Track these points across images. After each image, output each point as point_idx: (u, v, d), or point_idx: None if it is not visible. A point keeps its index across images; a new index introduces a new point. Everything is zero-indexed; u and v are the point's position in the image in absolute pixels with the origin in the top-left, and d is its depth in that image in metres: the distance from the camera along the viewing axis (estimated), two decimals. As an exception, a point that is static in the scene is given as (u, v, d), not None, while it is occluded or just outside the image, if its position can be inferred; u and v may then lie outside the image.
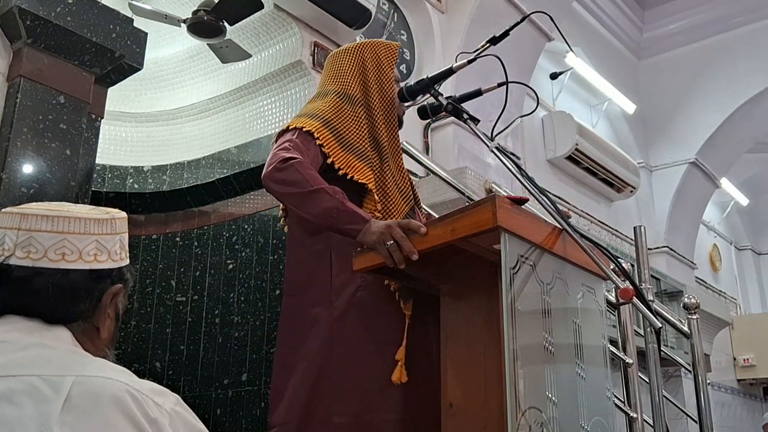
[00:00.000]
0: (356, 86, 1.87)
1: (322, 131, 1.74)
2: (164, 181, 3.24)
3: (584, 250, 1.47)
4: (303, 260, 1.79)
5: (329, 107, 1.81)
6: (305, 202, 1.60)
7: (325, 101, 1.84)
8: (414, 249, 1.47)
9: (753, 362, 7.54)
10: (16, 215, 0.91)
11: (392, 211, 1.75)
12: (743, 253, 9.31)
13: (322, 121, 1.76)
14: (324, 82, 1.95)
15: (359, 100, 1.85)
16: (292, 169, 1.61)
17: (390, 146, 1.85)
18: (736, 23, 6.51)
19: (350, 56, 1.93)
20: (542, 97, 5.61)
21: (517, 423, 1.29)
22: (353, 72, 1.89)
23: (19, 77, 2.04)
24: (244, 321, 2.89)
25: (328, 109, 1.80)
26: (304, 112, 1.84)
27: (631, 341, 2.40)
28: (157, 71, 3.53)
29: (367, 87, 1.88)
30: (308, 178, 1.60)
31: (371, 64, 1.91)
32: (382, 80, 1.90)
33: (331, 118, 1.78)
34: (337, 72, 1.92)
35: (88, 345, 0.93)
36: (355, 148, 1.78)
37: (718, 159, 6.93)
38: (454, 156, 4.03)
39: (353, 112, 1.82)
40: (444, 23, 4.35)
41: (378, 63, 1.92)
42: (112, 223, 0.96)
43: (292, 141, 1.69)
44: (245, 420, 2.73)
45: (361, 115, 1.83)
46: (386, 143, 1.83)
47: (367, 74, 1.89)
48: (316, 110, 1.81)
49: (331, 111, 1.80)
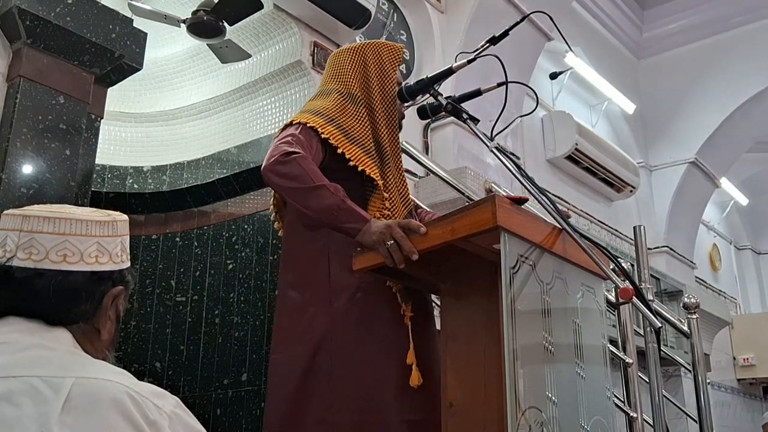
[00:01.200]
0: (358, 86, 1.86)
1: (326, 127, 1.73)
2: (164, 182, 3.24)
3: (584, 250, 1.47)
4: (300, 259, 1.78)
5: (333, 105, 1.80)
6: (306, 197, 1.59)
7: (329, 100, 1.83)
8: (414, 249, 1.47)
9: (753, 362, 7.54)
10: (18, 217, 0.91)
11: (393, 212, 1.75)
12: (743, 252, 9.32)
13: (327, 118, 1.76)
14: (325, 81, 1.94)
15: (361, 100, 1.84)
16: (294, 163, 1.59)
17: (391, 148, 1.85)
18: (736, 23, 6.51)
19: (352, 56, 1.92)
20: (542, 97, 5.61)
21: (517, 423, 1.29)
22: (355, 72, 1.88)
23: (19, 77, 2.04)
24: (244, 321, 2.89)
25: (332, 107, 1.79)
26: (306, 109, 1.83)
27: (630, 341, 2.40)
28: (156, 71, 3.53)
29: (369, 87, 1.87)
30: (310, 174, 1.59)
31: (373, 64, 1.90)
32: (384, 81, 1.89)
33: (336, 115, 1.78)
34: (338, 71, 1.90)
35: (88, 347, 0.93)
36: (361, 144, 1.77)
37: (718, 159, 6.93)
38: (453, 156, 4.03)
39: (356, 111, 1.81)
40: (444, 23, 4.35)
41: (380, 64, 1.90)
42: (114, 225, 0.97)
43: (295, 135, 1.68)
44: (245, 420, 2.73)
45: (363, 114, 1.82)
46: (387, 145, 1.83)
47: (368, 75, 1.88)
48: (320, 108, 1.80)
49: (335, 109, 1.79)
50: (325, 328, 1.67)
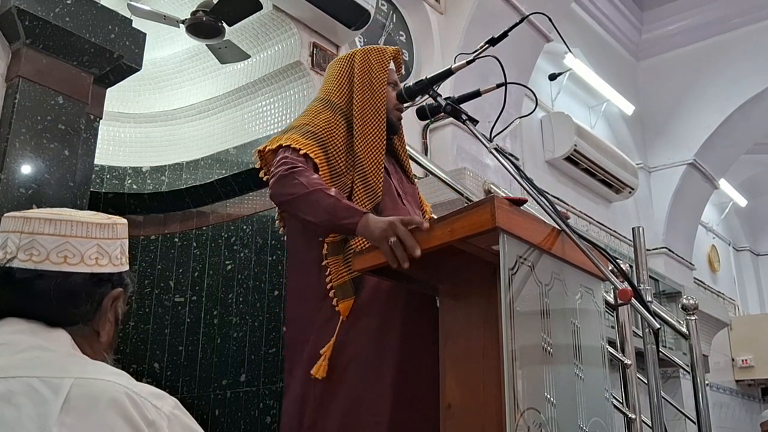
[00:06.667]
0: (339, 93, 1.94)
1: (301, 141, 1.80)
2: (163, 182, 3.23)
3: (583, 251, 1.47)
4: (297, 268, 1.85)
5: (310, 115, 1.90)
6: (306, 203, 1.65)
7: (310, 108, 1.94)
8: (417, 245, 1.47)
9: (751, 363, 7.54)
10: (19, 219, 0.92)
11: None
12: (742, 254, 9.32)
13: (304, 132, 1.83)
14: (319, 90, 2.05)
15: (340, 107, 1.91)
16: (290, 177, 1.69)
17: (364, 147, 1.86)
18: (735, 24, 6.52)
19: (340, 64, 2.00)
20: (541, 98, 5.61)
21: (516, 424, 1.29)
22: (340, 79, 1.96)
23: (18, 78, 2.03)
24: (242, 322, 2.89)
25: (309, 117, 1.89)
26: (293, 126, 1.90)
27: (629, 342, 2.40)
28: (155, 72, 3.52)
29: (351, 92, 1.93)
30: (305, 182, 1.67)
31: (359, 69, 1.95)
32: (371, 83, 1.93)
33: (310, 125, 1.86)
34: (326, 81, 2.01)
35: (87, 348, 0.93)
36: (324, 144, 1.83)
37: (717, 160, 6.94)
38: (452, 157, 4.04)
39: (330, 117, 1.88)
40: (443, 24, 4.35)
41: (368, 67, 1.95)
42: (114, 228, 0.97)
43: (288, 157, 1.76)
44: (244, 421, 2.73)
45: (339, 121, 1.88)
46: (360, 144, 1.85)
47: (353, 80, 1.95)
48: (298, 122, 1.89)
49: (309, 116, 1.89)
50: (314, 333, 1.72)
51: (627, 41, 6.85)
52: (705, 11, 6.60)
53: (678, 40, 6.81)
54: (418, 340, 1.68)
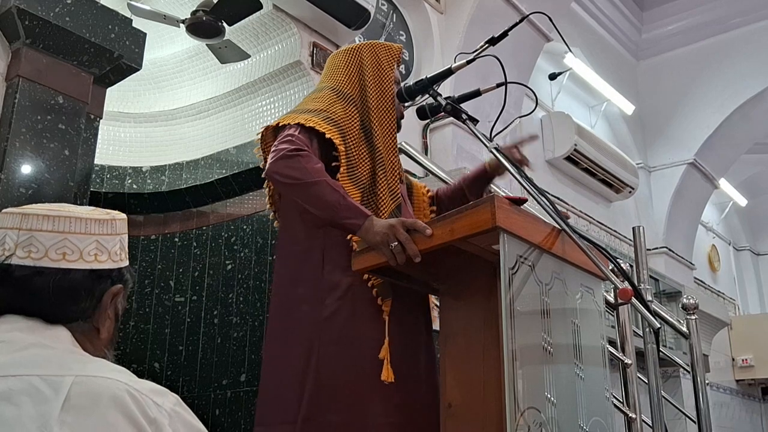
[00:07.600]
0: (351, 85, 1.87)
1: (323, 125, 1.73)
2: (163, 182, 3.24)
3: (583, 251, 1.47)
4: (293, 257, 1.78)
5: (324, 103, 1.81)
6: (307, 193, 1.61)
7: (320, 96, 1.85)
8: (418, 251, 1.47)
9: (751, 363, 7.54)
10: (17, 215, 0.91)
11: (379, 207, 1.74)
12: (742, 253, 9.32)
13: (322, 116, 1.76)
14: (321, 80, 1.97)
15: (353, 99, 1.85)
16: (296, 160, 1.62)
17: (384, 147, 1.84)
18: (735, 24, 6.52)
19: (348, 56, 1.93)
20: (541, 98, 5.61)
21: (516, 423, 1.29)
22: (349, 71, 1.89)
23: (18, 77, 2.03)
24: (242, 321, 2.89)
25: (324, 105, 1.81)
26: (300, 109, 1.83)
27: (629, 342, 2.40)
28: (155, 72, 3.53)
29: (364, 86, 1.87)
30: (311, 170, 1.61)
31: (369, 64, 1.90)
32: (381, 81, 1.89)
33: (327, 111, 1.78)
34: (333, 71, 1.92)
35: (87, 345, 0.93)
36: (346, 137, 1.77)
37: (717, 160, 6.94)
38: (452, 156, 4.03)
39: (345, 108, 1.82)
40: (443, 24, 4.35)
41: (377, 63, 1.91)
42: (113, 223, 0.97)
43: (295, 136, 1.69)
44: (244, 420, 2.73)
45: (353, 113, 1.82)
46: (380, 143, 1.83)
47: (364, 74, 1.89)
48: (313, 107, 1.81)
49: (326, 105, 1.80)
50: (315, 326, 1.67)
51: (627, 41, 6.85)
52: (705, 11, 6.60)
53: (678, 40, 6.80)
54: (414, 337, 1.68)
